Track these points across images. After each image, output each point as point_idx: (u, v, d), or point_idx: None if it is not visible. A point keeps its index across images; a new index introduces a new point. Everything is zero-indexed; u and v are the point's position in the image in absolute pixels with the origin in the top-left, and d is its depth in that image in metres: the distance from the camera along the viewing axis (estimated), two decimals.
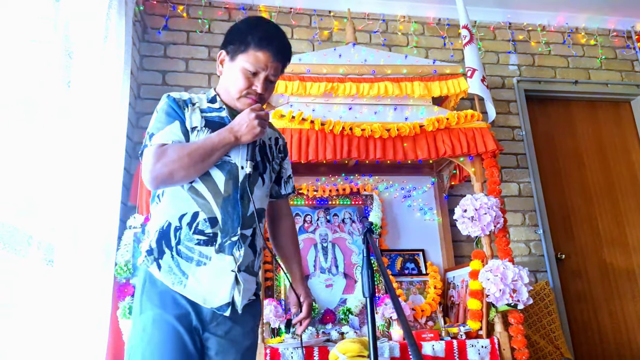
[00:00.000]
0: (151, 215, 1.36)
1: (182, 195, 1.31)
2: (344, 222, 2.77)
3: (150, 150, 1.28)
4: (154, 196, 1.36)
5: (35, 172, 1.65)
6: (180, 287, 1.26)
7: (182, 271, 1.27)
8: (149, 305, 1.25)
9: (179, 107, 1.35)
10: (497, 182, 2.44)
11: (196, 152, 1.27)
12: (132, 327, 1.29)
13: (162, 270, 1.27)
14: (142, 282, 1.29)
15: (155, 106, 1.40)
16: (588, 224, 3.32)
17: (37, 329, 1.59)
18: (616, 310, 3.18)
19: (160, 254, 1.28)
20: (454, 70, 2.63)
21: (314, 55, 2.63)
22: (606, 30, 3.69)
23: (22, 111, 1.60)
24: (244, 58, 1.35)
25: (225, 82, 1.40)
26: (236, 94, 1.36)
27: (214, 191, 1.31)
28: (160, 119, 1.34)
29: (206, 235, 1.29)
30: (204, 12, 3.16)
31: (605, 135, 3.56)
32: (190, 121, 1.34)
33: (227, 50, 1.40)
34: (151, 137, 1.31)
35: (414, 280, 2.69)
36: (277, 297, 2.50)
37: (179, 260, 1.27)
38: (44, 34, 1.75)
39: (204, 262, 1.28)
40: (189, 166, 1.26)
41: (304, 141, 2.34)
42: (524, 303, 2.17)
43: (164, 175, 1.26)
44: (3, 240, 1.46)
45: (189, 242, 1.28)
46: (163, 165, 1.25)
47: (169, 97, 1.37)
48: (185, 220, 1.29)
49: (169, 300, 1.25)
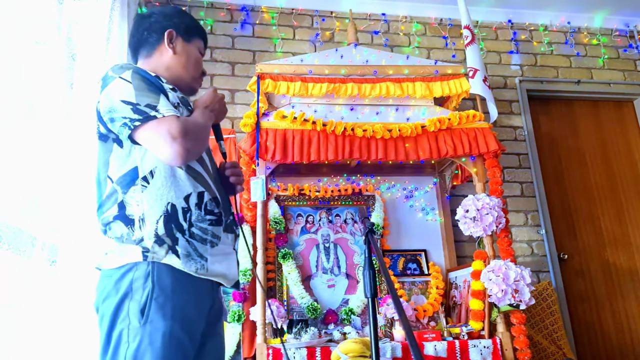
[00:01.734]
0: (135, 203, 1.18)
1: (180, 175, 1.22)
2: (346, 222, 2.77)
3: (171, 121, 1.15)
4: (131, 180, 1.19)
5: (39, 173, 1.66)
6: (203, 272, 1.19)
7: (201, 255, 1.20)
8: (159, 316, 1.10)
9: (156, 80, 1.27)
10: (499, 182, 2.44)
11: (205, 130, 1.27)
12: (128, 337, 1.10)
13: (181, 257, 1.16)
14: (145, 286, 1.12)
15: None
16: (591, 224, 3.31)
17: (41, 330, 1.60)
18: (619, 310, 3.17)
19: (173, 241, 1.17)
20: (455, 71, 2.63)
21: (315, 56, 2.63)
22: (608, 30, 3.68)
23: (26, 112, 1.61)
24: (197, 42, 1.43)
25: (178, 61, 1.37)
26: (197, 73, 1.41)
27: (207, 171, 1.31)
28: (145, 88, 1.20)
29: (215, 214, 1.26)
30: (206, 13, 3.17)
31: (608, 135, 3.55)
32: (173, 97, 1.26)
33: (177, 31, 1.39)
34: (153, 107, 1.17)
35: (416, 281, 2.70)
36: (279, 298, 2.51)
37: (195, 243, 1.20)
38: (48, 36, 1.76)
39: (215, 242, 1.24)
40: (205, 142, 1.26)
41: (305, 142, 2.35)
42: (526, 303, 2.17)
43: (195, 150, 1.19)
44: (7, 241, 1.47)
45: (202, 223, 1.22)
46: (193, 139, 1.17)
47: (139, 69, 1.26)
48: (193, 201, 1.22)
49: (179, 309, 1.13)
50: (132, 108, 1.16)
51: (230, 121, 2.99)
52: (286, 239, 2.65)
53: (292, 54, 3.14)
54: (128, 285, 1.12)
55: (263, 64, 2.49)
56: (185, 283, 1.16)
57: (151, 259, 1.14)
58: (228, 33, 3.17)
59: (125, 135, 1.18)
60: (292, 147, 2.33)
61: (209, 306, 1.24)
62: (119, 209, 1.19)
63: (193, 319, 1.17)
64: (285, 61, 2.56)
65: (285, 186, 2.74)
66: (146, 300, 1.11)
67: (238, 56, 3.14)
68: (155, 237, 1.15)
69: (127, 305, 1.11)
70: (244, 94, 3.04)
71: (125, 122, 1.16)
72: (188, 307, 1.16)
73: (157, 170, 1.20)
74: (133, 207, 1.18)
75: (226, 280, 1.27)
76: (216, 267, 1.22)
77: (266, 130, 2.35)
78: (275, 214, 2.63)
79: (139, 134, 1.17)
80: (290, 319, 2.43)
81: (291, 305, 2.51)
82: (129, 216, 1.18)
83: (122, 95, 1.18)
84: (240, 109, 3.00)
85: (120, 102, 1.17)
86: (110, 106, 1.19)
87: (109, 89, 1.20)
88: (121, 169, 1.21)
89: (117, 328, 1.11)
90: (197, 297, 1.19)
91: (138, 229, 1.16)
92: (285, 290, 2.54)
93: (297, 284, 2.53)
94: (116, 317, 1.12)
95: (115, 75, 1.22)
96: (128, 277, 1.13)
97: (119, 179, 1.20)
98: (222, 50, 3.13)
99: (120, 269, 1.15)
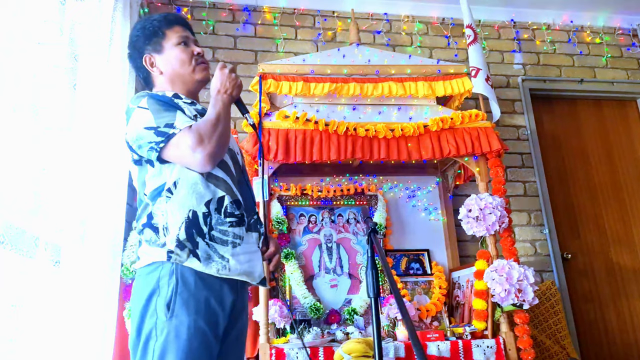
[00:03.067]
0: (160, 213, 1.27)
1: (201, 183, 1.28)
2: (349, 222, 2.77)
3: (185, 133, 1.22)
4: (158, 193, 1.28)
5: (42, 174, 1.67)
6: (225, 271, 1.25)
7: (222, 256, 1.25)
8: (184, 310, 1.18)
9: (170, 100, 1.34)
10: (502, 181, 2.43)
11: (220, 122, 1.26)
12: (156, 331, 1.17)
13: (202, 260, 1.23)
14: (170, 282, 1.20)
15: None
16: (594, 223, 3.30)
17: (44, 330, 1.61)
18: (623, 309, 3.16)
19: (194, 245, 1.23)
20: (458, 70, 2.62)
21: (317, 55, 2.63)
22: (611, 29, 3.67)
23: (29, 113, 1.62)
24: (169, 41, 1.41)
25: (170, 72, 1.40)
26: (189, 66, 1.40)
27: (230, 175, 1.34)
28: (161, 109, 1.27)
29: (236, 216, 1.31)
30: (208, 13, 3.18)
31: (612, 134, 3.54)
32: (189, 110, 1.32)
33: (148, 52, 1.41)
34: (170, 125, 1.24)
35: (419, 281, 2.69)
36: (282, 298, 2.51)
37: (215, 245, 1.26)
38: (51, 37, 1.77)
39: (238, 242, 1.29)
40: (225, 135, 1.27)
41: (308, 142, 2.35)
42: (529, 303, 2.16)
43: (218, 149, 1.24)
44: (11, 242, 1.48)
45: (222, 225, 1.27)
46: (210, 141, 1.22)
47: (152, 94, 1.34)
48: (213, 206, 1.28)
49: (202, 304, 1.20)
50: (155, 132, 1.24)
51: (232, 121, 3.00)
52: (289, 238, 2.65)
53: (294, 54, 3.14)
54: (155, 282, 1.21)
55: (265, 64, 2.49)
56: (207, 280, 1.23)
57: (174, 260, 1.22)
58: (230, 33, 3.18)
59: (154, 157, 1.26)
60: (294, 147, 2.33)
61: (231, 303, 1.27)
62: (148, 219, 1.28)
63: (216, 313, 1.22)
64: (287, 61, 2.56)
65: (287, 186, 2.74)
66: (171, 295, 1.19)
67: (240, 56, 3.14)
68: (177, 241, 1.23)
69: (154, 301, 1.19)
70: (246, 94, 3.04)
71: (151, 146, 1.25)
72: (210, 302, 1.22)
73: (180, 181, 1.27)
74: (158, 217, 1.27)
75: (251, 278, 1.31)
76: (240, 267, 1.27)
77: (268, 130, 2.35)
78: (278, 214, 2.63)
79: (166, 153, 1.25)
80: (293, 319, 2.43)
81: (294, 305, 2.51)
82: (154, 225, 1.27)
83: (144, 123, 1.26)
84: None
85: (144, 130, 1.26)
86: (136, 135, 1.27)
87: (132, 120, 1.29)
88: (153, 185, 1.30)
89: (146, 323, 1.19)
90: (220, 294, 1.24)
91: (163, 235, 1.25)
92: (287, 290, 2.54)
93: (300, 284, 2.53)
94: (145, 313, 1.19)
95: (134, 105, 1.30)
96: (155, 275, 1.22)
97: (149, 193, 1.30)
98: (224, 51, 3.13)
99: (148, 266, 1.24)
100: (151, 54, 1.41)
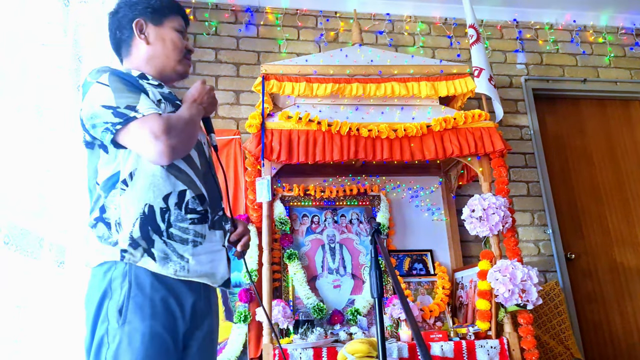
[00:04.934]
0: (113, 206, 1.17)
1: (161, 174, 1.18)
2: (352, 222, 2.77)
3: (152, 120, 1.13)
4: (112, 184, 1.18)
5: (47, 174, 1.67)
6: (183, 273, 1.15)
7: (181, 255, 1.16)
8: (137, 315, 1.09)
9: (135, 80, 1.24)
10: (505, 181, 2.43)
11: (191, 124, 1.22)
12: (108, 338, 1.08)
13: (157, 260, 1.13)
14: (123, 285, 1.10)
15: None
16: (598, 223, 3.29)
17: (49, 330, 1.61)
18: (627, 310, 3.14)
19: (149, 243, 1.14)
20: (460, 70, 2.62)
21: (320, 56, 2.63)
22: (614, 28, 3.66)
23: (33, 113, 1.62)
24: (171, 21, 1.35)
25: (157, 49, 1.33)
26: (179, 55, 1.35)
27: (194, 167, 1.26)
28: (124, 89, 1.17)
29: (199, 212, 1.22)
30: (210, 14, 3.18)
31: (615, 133, 3.53)
32: (153, 94, 1.23)
33: (145, 18, 1.33)
34: (133, 108, 1.14)
35: (422, 281, 2.69)
36: (285, 298, 2.51)
37: (174, 244, 1.16)
38: (55, 38, 1.77)
39: (199, 241, 1.20)
40: (193, 138, 1.22)
41: (311, 142, 2.35)
42: (533, 303, 2.16)
43: (181, 147, 1.17)
44: (15, 243, 1.48)
45: (182, 222, 1.18)
46: (177, 136, 1.14)
47: (115, 70, 1.23)
48: (172, 201, 1.18)
49: (159, 307, 1.11)
50: (113, 112, 1.14)
51: (235, 122, 3.00)
52: (292, 239, 2.65)
53: (296, 55, 3.14)
54: (107, 284, 1.12)
55: (268, 65, 2.49)
56: (164, 280, 1.14)
57: (128, 260, 1.13)
58: (233, 34, 3.18)
59: (108, 140, 1.16)
60: (297, 147, 2.33)
61: (191, 305, 1.17)
62: (100, 213, 1.18)
63: (175, 316, 1.14)
64: (289, 62, 2.56)
65: (290, 186, 2.74)
66: (124, 300, 1.10)
67: (243, 57, 3.15)
68: (130, 239, 1.13)
69: (106, 305, 1.11)
70: (249, 95, 3.04)
71: (107, 127, 1.14)
72: (169, 303, 1.13)
73: (136, 172, 1.18)
74: (111, 211, 1.17)
75: (212, 280, 1.23)
76: (199, 268, 1.19)
77: (271, 130, 2.35)
78: (281, 215, 2.63)
79: (122, 137, 1.15)
80: (296, 319, 2.43)
81: (297, 306, 2.51)
82: (106, 219, 1.17)
83: (102, 100, 1.16)
84: (245, 110, 3.01)
85: (100, 108, 1.15)
86: (91, 113, 1.17)
87: (88, 95, 1.18)
88: (106, 173, 1.19)
89: (98, 328, 1.11)
90: (178, 295, 1.15)
91: (115, 232, 1.15)
92: (291, 290, 2.54)
93: (303, 285, 2.53)
94: (97, 317, 1.11)
95: (93, 80, 1.20)
96: (107, 276, 1.13)
97: (102, 183, 1.19)
98: (227, 52, 3.14)
99: (100, 266, 1.15)
100: (146, 21, 1.33)
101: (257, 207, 2.43)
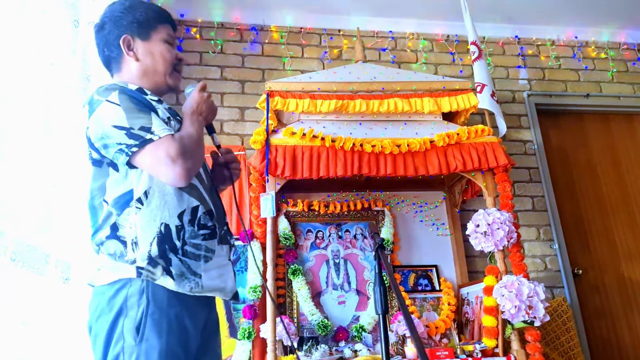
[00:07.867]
0: (128, 225, 1.16)
1: (174, 192, 1.19)
2: (356, 238, 2.76)
3: (167, 142, 1.13)
4: (125, 202, 1.17)
5: (53, 191, 1.69)
6: (198, 289, 1.17)
7: (194, 272, 1.17)
8: (155, 332, 1.08)
9: (144, 98, 1.24)
10: (510, 196, 2.42)
11: (200, 142, 1.23)
12: (124, 356, 1.07)
13: (175, 278, 1.14)
14: (140, 303, 1.10)
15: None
16: (605, 238, 3.27)
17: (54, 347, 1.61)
18: (636, 325, 3.10)
19: (167, 262, 1.14)
20: (463, 86, 2.64)
21: (324, 73, 2.66)
22: (616, 44, 3.68)
23: (41, 131, 1.65)
24: (159, 33, 1.33)
25: (148, 64, 1.31)
26: (169, 68, 1.33)
27: (202, 182, 1.27)
28: (135, 109, 1.16)
29: (209, 228, 1.23)
30: (216, 33, 3.24)
31: (619, 147, 3.52)
32: (163, 112, 1.25)
33: (132, 34, 1.30)
34: (147, 129, 1.14)
35: (427, 297, 2.67)
36: (289, 314, 2.50)
37: (188, 261, 1.17)
38: (64, 58, 1.81)
39: (209, 257, 1.22)
40: (203, 155, 1.24)
41: (315, 158, 2.36)
42: (540, 320, 2.13)
43: (195, 167, 1.18)
44: (22, 259, 1.49)
45: (195, 239, 1.19)
46: (191, 157, 1.15)
47: (124, 88, 1.22)
48: (186, 218, 1.19)
49: (174, 322, 1.12)
50: (126, 133, 1.13)
51: (240, 138, 3.03)
52: (296, 254, 2.64)
53: (300, 72, 3.18)
54: (122, 302, 1.10)
55: (272, 82, 2.52)
56: (179, 295, 1.15)
57: (145, 277, 1.12)
58: (238, 52, 3.23)
59: (122, 161, 1.15)
60: (301, 163, 2.34)
61: (204, 320, 1.22)
62: (112, 230, 1.17)
63: (190, 332, 1.15)
64: (294, 79, 2.60)
65: (294, 202, 2.75)
66: (141, 317, 1.09)
67: (248, 74, 3.19)
68: (148, 259, 1.13)
69: (121, 323, 1.09)
70: (253, 112, 3.08)
71: (120, 148, 1.14)
72: (184, 320, 1.14)
73: (151, 191, 1.17)
74: (126, 230, 1.16)
75: (223, 293, 1.25)
76: (211, 283, 1.21)
77: (276, 146, 2.37)
78: (285, 230, 2.63)
79: (137, 159, 1.15)
80: (300, 336, 2.41)
81: (301, 322, 2.49)
82: (121, 237, 1.16)
83: (113, 120, 1.15)
84: (250, 126, 3.04)
85: (112, 128, 1.14)
86: (102, 132, 1.16)
87: (98, 114, 1.17)
88: (117, 191, 1.18)
89: (112, 348, 1.08)
90: (194, 311, 1.17)
91: (131, 250, 1.14)
92: (295, 306, 2.52)
93: (307, 301, 2.51)
94: (111, 336, 1.09)
95: (102, 98, 1.18)
96: (122, 294, 1.11)
97: (113, 200, 1.18)
98: (232, 69, 3.18)
99: (113, 285, 1.13)
100: (133, 36, 1.30)
101: (261, 222, 2.43)
